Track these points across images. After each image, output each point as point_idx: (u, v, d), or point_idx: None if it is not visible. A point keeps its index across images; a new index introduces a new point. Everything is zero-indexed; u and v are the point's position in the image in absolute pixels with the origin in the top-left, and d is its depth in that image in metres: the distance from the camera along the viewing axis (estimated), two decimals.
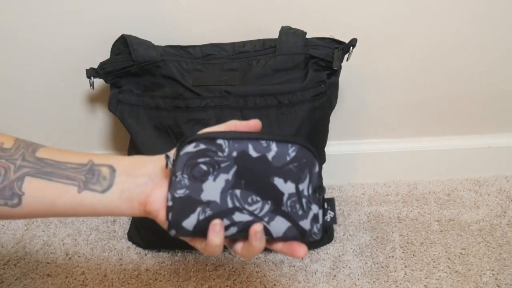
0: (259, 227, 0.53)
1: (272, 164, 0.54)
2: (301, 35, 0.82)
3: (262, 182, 0.54)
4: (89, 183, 0.55)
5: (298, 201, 0.55)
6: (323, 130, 0.87)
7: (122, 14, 0.88)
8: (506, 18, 0.91)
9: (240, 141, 0.54)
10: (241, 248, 0.56)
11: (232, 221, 0.54)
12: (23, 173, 0.55)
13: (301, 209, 0.55)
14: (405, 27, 0.91)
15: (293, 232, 0.55)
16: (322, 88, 0.81)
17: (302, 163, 0.55)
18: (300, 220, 0.55)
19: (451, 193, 1.04)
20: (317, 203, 0.56)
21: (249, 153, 0.54)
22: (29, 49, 0.91)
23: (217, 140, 0.54)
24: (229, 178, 0.54)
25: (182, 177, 0.54)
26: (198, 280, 0.90)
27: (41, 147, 0.58)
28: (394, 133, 1.04)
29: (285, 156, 0.54)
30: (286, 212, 0.55)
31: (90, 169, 0.56)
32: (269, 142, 0.54)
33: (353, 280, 0.89)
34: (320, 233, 0.56)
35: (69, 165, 0.56)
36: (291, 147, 0.55)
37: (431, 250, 0.93)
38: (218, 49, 0.83)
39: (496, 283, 0.87)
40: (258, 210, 0.54)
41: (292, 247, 0.55)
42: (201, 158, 0.54)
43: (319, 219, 0.56)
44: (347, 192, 1.05)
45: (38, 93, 0.96)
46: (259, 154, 0.54)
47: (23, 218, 0.57)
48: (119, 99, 0.83)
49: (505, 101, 1.01)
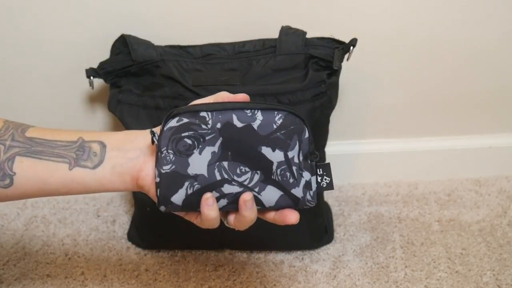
0: (248, 196, 0.53)
1: (258, 133, 0.54)
2: (301, 35, 0.82)
3: (250, 152, 0.54)
4: (80, 160, 0.55)
5: (288, 169, 0.54)
6: (323, 130, 0.87)
7: (122, 14, 0.88)
8: (506, 18, 0.91)
9: (223, 112, 0.54)
10: (234, 220, 0.56)
11: (222, 193, 0.54)
12: (13, 153, 0.55)
13: (292, 177, 0.55)
14: (405, 27, 0.91)
15: (285, 200, 0.55)
16: (322, 88, 0.81)
17: (290, 130, 0.54)
18: (292, 188, 0.55)
19: (452, 193, 1.04)
20: (309, 170, 0.55)
21: (233, 124, 0.53)
22: (29, 49, 0.91)
23: (200, 113, 0.54)
24: (215, 150, 0.54)
25: (167, 152, 0.54)
26: (198, 280, 0.89)
27: (30, 127, 0.58)
28: (394, 133, 1.04)
29: (271, 124, 0.54)
30: (276, 181, 0.54)
31: (81, 146, 0.56)
32: (254, 111, 0.54)
33: (353, 281, 0.89)
34: (314, 200, 0.55)
35: (59, 143, 0.56)
36: (278, 114, 0.54)
37: (431, 250, 0.93)
38: (218, 49, 0.83)
39: (497, 283, 0.87)
40: (248, 180, 0.54)
41: (283, 213, 0.55)
42: (185, 132, 0.54)
43: (312, 186, 0.55)
44: (347, 192, 1.05)
45: (38, 93, 0.96)
46: (244, 124, 0.54)
47: (16, 199, 0.57)
48: (119, 99, 0.83)
49: (505, 101, 1.00)
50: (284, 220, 0.55)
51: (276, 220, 0.56)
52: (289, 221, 0.55)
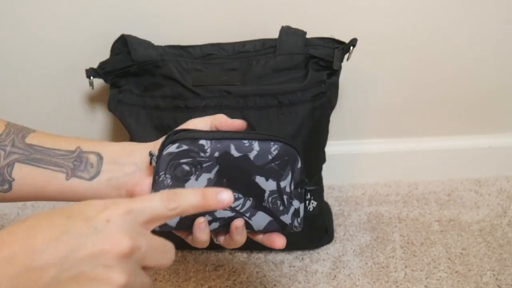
0: (240, 222, 0.55)
1: (254, 163, 0.56)
2: (301, 35, 0.82)
3: (244, 180, 0.56)
4: (77, 170, 0.56)
5: (279, 197, 0.57)
6: (323, 130, 0.87)
7: (122, 13, 0.88)
8: (506, 18, 0.91)
9: (222, 141, 0.55)
10: (224, 240, 0.59)
11: (214, 217, 0.56)
12: (13, 160, 0.56)
13: (282, 205, 0.57)
14: (405, 27, 0.91)
15: (274, 225, 0.57)
16: (322, 88, 0.81)
17: (284, 160, 0.56)
18: (281, 215, 0.57)
19: (452, 193, 1.04)
20: (299, 198, 0.58)
21: (231, 153, 0.55)
22: (29, 49, 0.91)
23: (200, 141, 0.55)
24: (211, 177, 0.55)
25: (165, 177, 0.55)
26: (198, 280, 0.90)
27: (31, 132, 0.59)
28: (394, 133, 1.04)
29: (267, 155, 0.56)
30: (267, 207, 0.57)
31: (78, 156, 0.57)
32: (251, 142, 0.56)
33: (353, 281, 0.89)
34: (301, 226, 0.58)
35: (58, 151, 0.57)
36: (273, 145, 0.56)
37: (431, 250, 0.93)
38: (218, 49, 0.83)
39: (497, 283, 0.87)
40: (240, 206, 0.56)
41: (271, 237, 0.58)
42: (183, 159, 0.55)
43: (300, 213, 0.58)
44: (347, 192, 1.05)
45: (38, 93, 0.96)
46: (241, 154, 0.55)
47: (14, 201, 0.59)
48: (119, 99, 0.83)
49: (505, 101, 1.00)
50: (271, 244, 0.58)
51: (264, 242, 0.59)
52: (276, 246, 0.57)
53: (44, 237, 0.37)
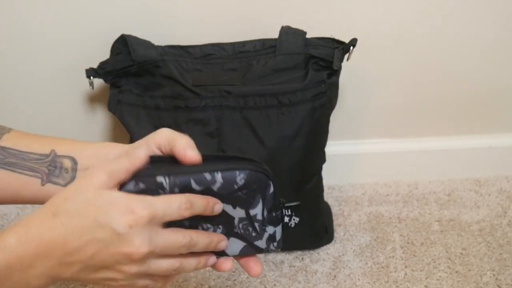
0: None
1: (218, 193, 0.52)
2: (301, 35, 0.82)
3: None
4: (51, 176, 0.56)
5: (250, 224, 0.54)
6: (323, 130, 0.87)
7: (122, 13, 0.88)
8: (505, 18, 0.91)
9: (181, 176, 0.51)
10: None
11: None
12: None
13: (254, 231, 0.54)
14: (405, 27, 0.91)
15: (249, 249, 0.55)
16: (322, 88, 0.81)
17: (252, 189, 0.52)
18: (255, 240, 0.55)
19: (452, 193, 1.04)
20: (274, 223, 0.55)
21: (192, 188, 0.51)
22: (29, 49, 0.91)
23: (157, 178, 0.50)
24: None
25: None
26: (198, 280, 0.89)
27: (6, 133, 0.58)
28: (394, 133, 1.04)
29: (232, 185, 0.52)
30: (239, 233, 0.54)
31: (53, 161, 0.56)
32: (213, 174, 0.51)
33: (353, 281, 0.89)
34: (279, 247, 0.55)
35: (32, 155, 0.56)
36: (239, 174, 0.51)
37: (431, 250, 0.93)
38: (218, 49, 0.83)
39: (497, 283, 0.87)
40: None
41: (248, 265, 0.56)
42: None
43: (277, 237, 0.55)
44: (347, 192, 1.05)
45: (38, 93, 0.96)
46: (203, 187, 0.51)
47: None
48: (119, 99, 0.83)
49: (505, 101, 1.00)
50: (248, 271, 0.56)
51: (242, 266, 0.57)
52: (253, 274, 0.56)
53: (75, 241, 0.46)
